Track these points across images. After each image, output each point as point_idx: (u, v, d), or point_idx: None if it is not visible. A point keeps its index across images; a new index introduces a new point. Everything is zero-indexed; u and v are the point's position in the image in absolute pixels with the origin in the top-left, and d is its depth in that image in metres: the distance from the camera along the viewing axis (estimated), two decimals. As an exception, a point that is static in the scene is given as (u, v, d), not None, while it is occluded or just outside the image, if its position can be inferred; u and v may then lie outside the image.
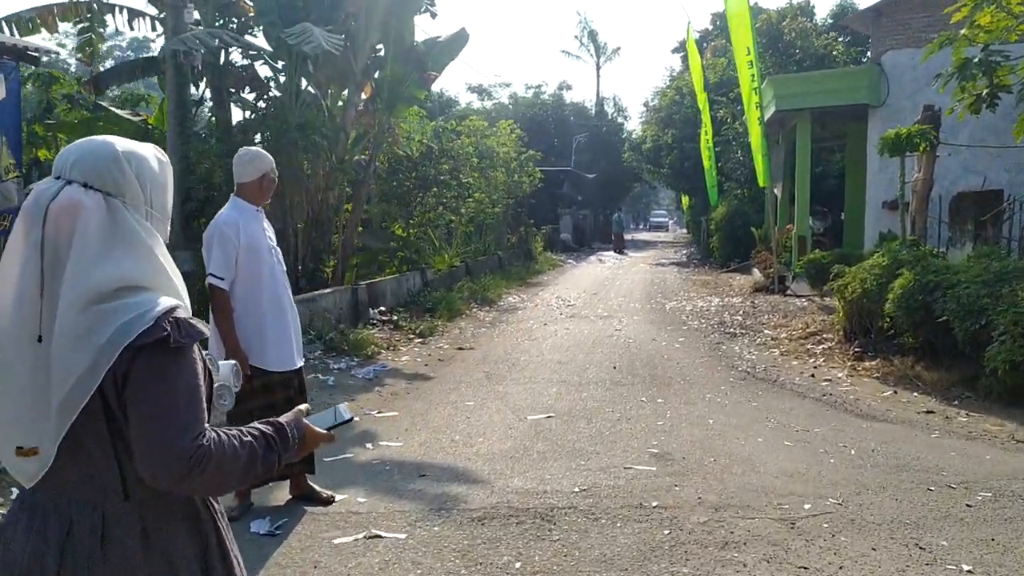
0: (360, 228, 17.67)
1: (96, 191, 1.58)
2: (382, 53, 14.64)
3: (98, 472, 1.61)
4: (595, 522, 4.45)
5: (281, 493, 4.84)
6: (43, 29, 12.00)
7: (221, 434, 1.61)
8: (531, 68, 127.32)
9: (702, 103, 24.45)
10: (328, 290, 11.77)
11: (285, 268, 4.69)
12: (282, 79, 13.42)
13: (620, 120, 54.19)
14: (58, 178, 1.61)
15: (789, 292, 15.23)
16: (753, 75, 16.00)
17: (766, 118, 16.61)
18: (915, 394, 7.79)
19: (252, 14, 13.38)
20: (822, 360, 9.48)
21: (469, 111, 42.60)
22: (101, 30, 11.87)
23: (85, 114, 14.01)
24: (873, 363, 8.94)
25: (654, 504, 4.71)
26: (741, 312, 13.62)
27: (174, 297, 1.64)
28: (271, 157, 4.61)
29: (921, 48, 14.26)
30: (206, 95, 13.32)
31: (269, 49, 12.65)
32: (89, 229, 1.55)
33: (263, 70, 13.86)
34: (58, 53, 11.99)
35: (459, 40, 15.63)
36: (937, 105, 11.06)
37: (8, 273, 1.59)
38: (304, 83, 14.08)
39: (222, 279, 4.33)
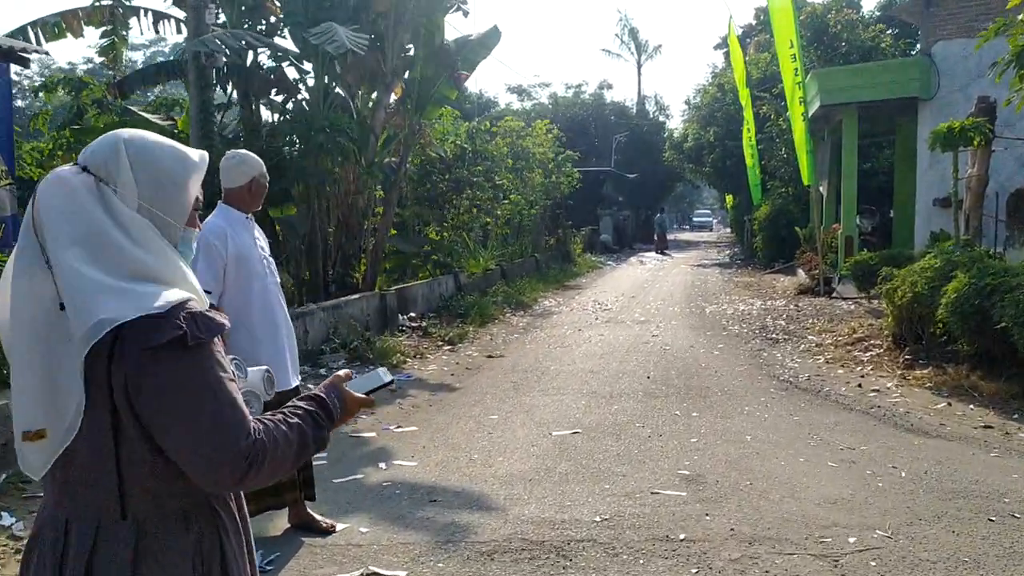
0: (393, 232, 17.49)
1: (90, 174, 1.54)
2: (412, 53, 14.38)
3: (97, 487, 1.52)
4: (615, 558, 4.05)
5: (280, 522, 4.52)
6: (68, 34, 11.93)
7: (268, 423, 1.56)
8: (571, 68, 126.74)
9: (744, 99, 23.81)
10: (355, 296, 11.50)
11: (279, 280, 4.36)
12: (310, 81, 13.21)
13: (662, 119, 53.46)
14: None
15: (835, 295, 14.61)
16: (796, 69, 15.41)
17: (810, 114, 15.99)
18: (971, 407, 7.24)
19: (280, 16, 13.18)
20: (870, 368, 8.94)
21: (508, 112, 42.34)
22: (124, 33, 11.71)
23: (114, 119, 13.96)
24: (925, 372, 8.38)
25: (681, 537, 4.29)
26: (784, 316, 13.07)
27: (187, 291, 1.55)
28: (260, 160, 4.30)
29: (974, 38, 13.61)
30: (234, 98, 13.16)
31: (295, 50, 12.41)
32: (76, 202, 1.51)
33: (292, 72, 13.67)
34: (47, 52, 11.74)
35: (491, 38, 15.31)
36: (992, 96, 10.44)
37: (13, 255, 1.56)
38: (334, 85, 13.92)
39: (209, 293, 4.01)
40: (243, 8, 12.95)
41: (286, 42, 13.37)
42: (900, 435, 6.39)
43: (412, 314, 12.82)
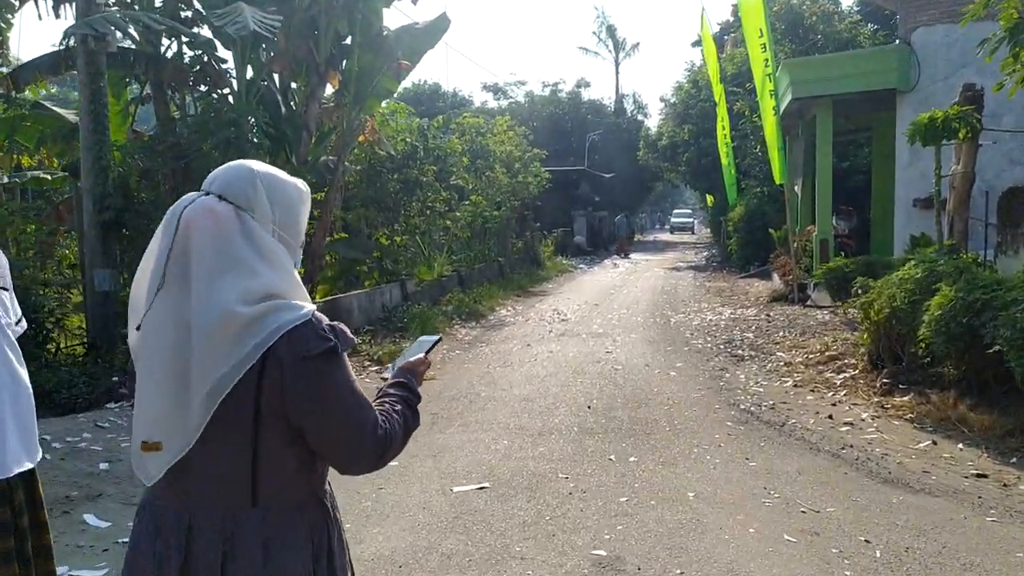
0: (341, 236, 16.26)
1: (229, 203, 1.68)
2: (348, 42, 13.18)
3: (229, 479, 1.66)
4: None
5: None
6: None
7: (386, 415, 1.77)
8: (548, 66, 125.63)
9: (718, 95, 22.70)
10: (272, 311, 10.26)
11: (12, 320, 3.12)
12: (228, 69, 11.96)
13: (640, 118, 52.39)
14: (201, 191, 1.73)
15: (809, 303, 13.52)
16: (767, 60, 14.31)
17: (782, 108, 14.91)
18: (960, 446, 6.11)
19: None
20: (843, 394, 7.81)
21: (483, 111, 41.22)
22: (9, 16, 10.42)
23: (23, 112, 12.67)
24: (905, 399, 7.26)
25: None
26: (754, 328, 11.94)
27: (311, 305, 1.71)
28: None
29: (956, 23, 12.56)
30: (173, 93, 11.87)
31: (207, 37, 11.17)
32: (225, 235, 1.65)
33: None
34: None
35: (439, 26, 14.15)
36: (979, 84, 9.35)
37: (145, 274, 1.71)
38: (263, 78, 12.71)
39: None
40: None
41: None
42: (876, 489, 5.24)
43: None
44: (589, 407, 7.63)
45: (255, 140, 10.28)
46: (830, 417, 7.05)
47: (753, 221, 21.53)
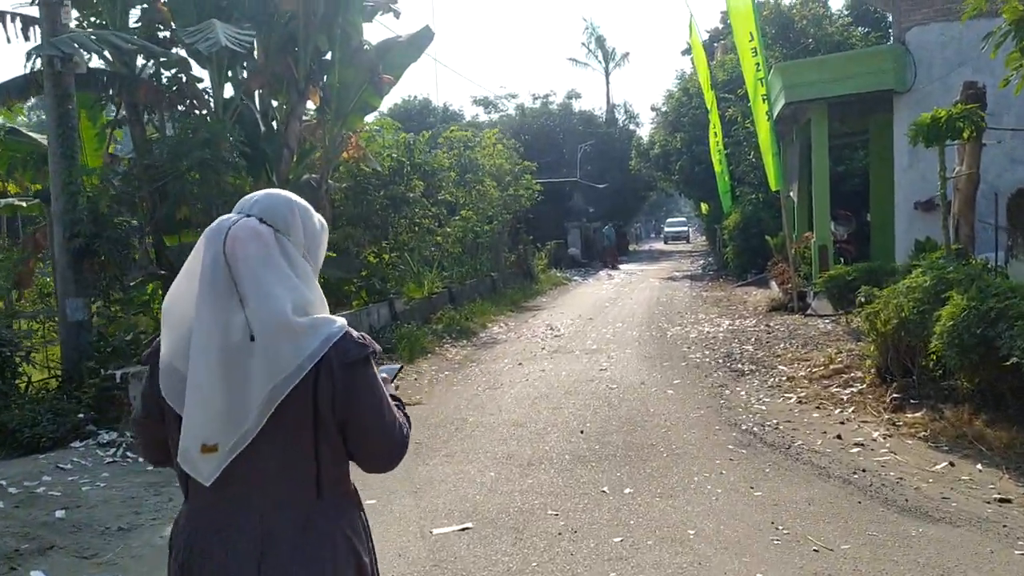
0: (332, 255, 15.85)
1: (269, 226, 1.82)
2: (328, 57, 12.83)
3: (295, 475, 1.81)
4: None
5: None
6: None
7: (401, 417, 1.95)
8: (538, 78, 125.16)
9: (710, 102, 22.40)
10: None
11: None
12: (207, 88, 11.59)
13: (632, 127, 52.14)
14: (240, 214, 1.86)
15: (810, 312, 13.12)
16: (758, 63, 13.97)
17: (775, 113, 14.53)
18: (978, 467, 5.70)
19: (171, 20, 11.54)
20: (851, 411, 7.39)
21: (474, 125, 40.89)
22: (-25, 39, 10.01)
23: (-1, 138, 12.29)
24: (917, 415, 6.84)
25: None
26: (753, 339, 11.53)
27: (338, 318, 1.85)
28: None
29: (953, 21, 12.20)
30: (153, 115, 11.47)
31: (181, 56, 10.78)
32: (270, 252, 1.80)
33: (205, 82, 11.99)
34: None
35: (422, 39, 13.83)
36: (980, 82, 8.98)
37: (188, 287, 1.82)
38: (243, 97, 12.33)
39: None
40: (130, 13, 11.37)
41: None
42: (893, 520, 4.82)
43: (329, 352, 11.18)
44: (582, 431, 7.20)
45: (230, 160, 9.84)
46: (839, 437, 6.63)
47: (749, 228, 21.16)
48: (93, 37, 9.29)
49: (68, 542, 5.04)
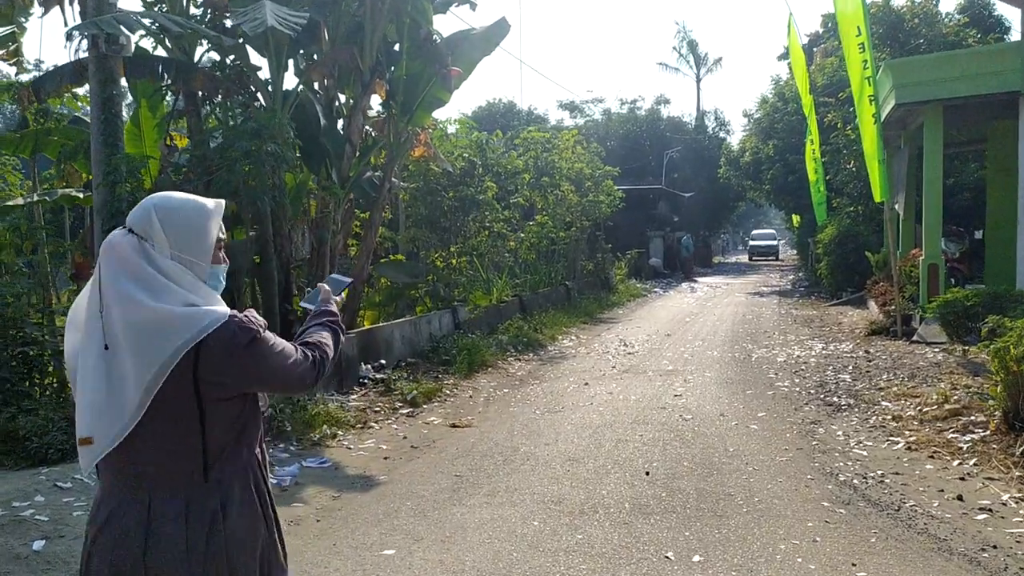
0: (398, 258, 15.16)
1: (135, 234, 1.98)
2: (396, 48, 12.09)
3: (182, 459, 1.94)
4: None
5: None
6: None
7: (312, 341, 2.21)
8: (626, 82, 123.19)
9: (807, 107, 20.97)
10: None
11: None
12: (266, 78, 10.96)
13: (722, 135, 50.36)
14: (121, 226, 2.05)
15: (916, 338, 11.72)
16: (865, 61, 12.63)
17: (884, 116, 13.17)
18: None
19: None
20: (972, 463, 6.18)
21: (558, 129, 40.00)
22: (21, 19, 9.59)
23: (59, 125, 11.95)
24: (1060, 476, 5.61)
25: None
26: (851, 367, 10.28)
27: (222, 308, 2.00)
28: None
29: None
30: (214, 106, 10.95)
31: (232, 40, 10.14)
32: (128, 260, 1.94)
33: (264, 72, 11.40)
34: None
35: (497, 32, 12.94)
36: None
37: (85, 291, 2.02)
38: (311, 87, 11.71)
39: None
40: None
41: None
42: (1045, 628, 3.69)
43: (382, 362, 10.42)
44: (647, 472, 6.19)
45: (277, 152, 9.15)
46: (960, 498, 5.45)
47: (846, 243, 19.64)
48: (137, 17, 8.75)
49: (32, 584, 4.32)
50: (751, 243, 55.98)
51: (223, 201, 2.15)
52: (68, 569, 4.56)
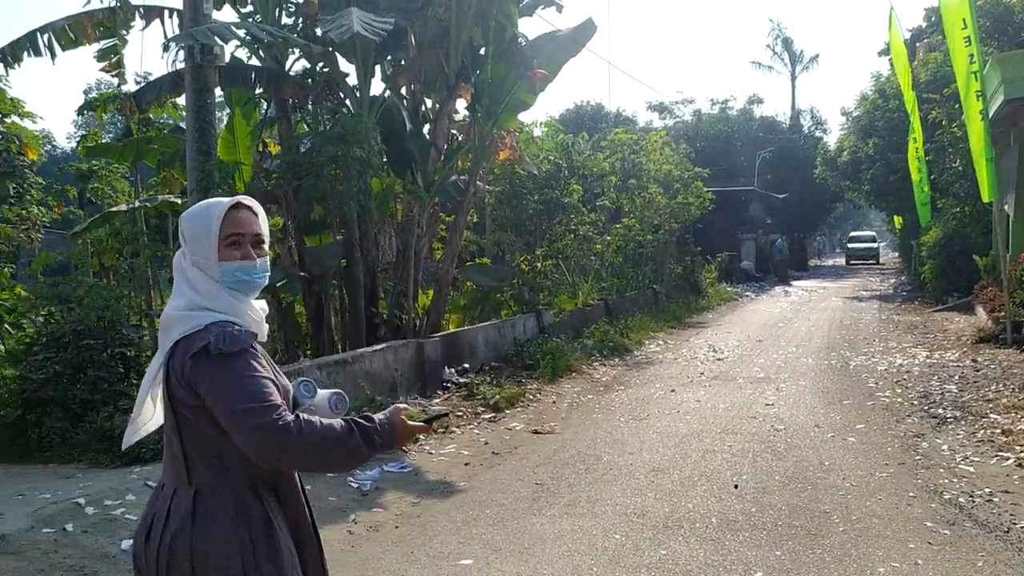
0: (484, 261, 15.17)
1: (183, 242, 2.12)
2: (482, 51, 12.07)
3: (173, 459, 2.03)
4: None
5: None
6: (84, 41, 10.30)
7: (310, 419, 1.92)
8: (717, 82, 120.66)
9: (910, 104, 20.03)
10: (378, 347, 9.16)
11: None
12: (354, 84, 11.08)
13: (819, 134, 48.78)
14: None
15: (1029, 347, 11.04)
16: (972, 55, 11.96)
17: (991, 112, 12.45)
18: None
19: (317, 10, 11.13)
20: (1094, 484, 5.72)
21: (648, 131, 39.48)
22: (123, 31, 9.93)
23: (159, 134, 12.40)
24: None
25: None
26: (957, 377, 9.73)
27: (230, 315, 2.02)
28: None
29: None
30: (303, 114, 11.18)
31: (320, 48, 10.27)
32: (174, 267, 2.11)
33: (352, 79, 11.54)
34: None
35: (583, 33, 12.79)
36: None
37: None
38: (398, 92, 11.82)
39: None
40: (284, 7, 11.07)
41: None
42: None
43: (466, 365, 10.39)
44: (736, 486, 5.94)
45: (362, 157, 9.21)
46: (1080, 522, 5.04)
47: (951, 246, 18.71)
48: (232, 28, 8.96)
49: (116, 583, 4.40)
50: (848, 246, 51.55)
51: (242, 197, 2.10)
52: (153, 569, 4.62)
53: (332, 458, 1.92)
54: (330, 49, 10.51)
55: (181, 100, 11.69)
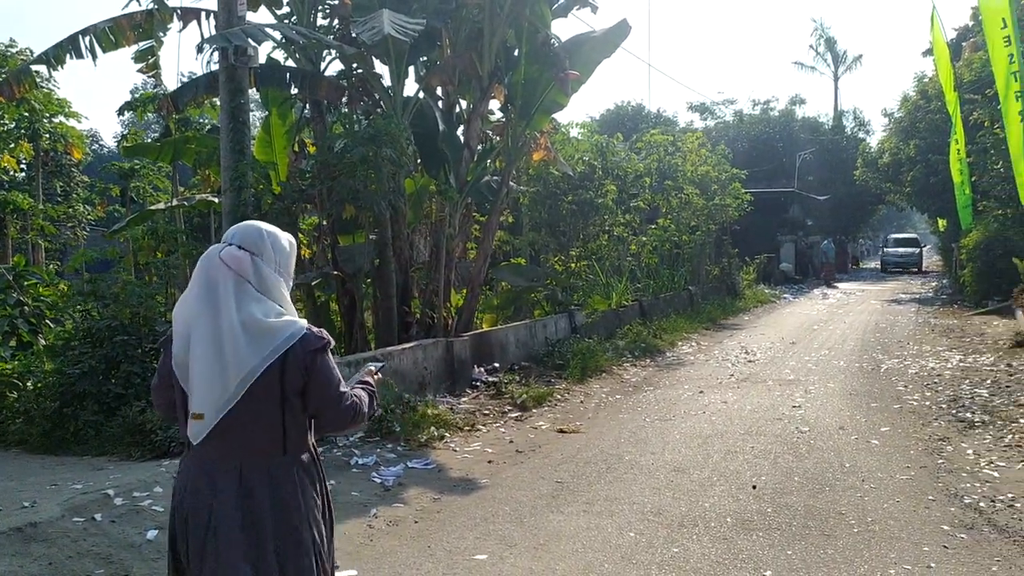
0: (519, 261, 15.29)
1: (246, 251, 2.49)
2: (516, 53, 12.18)
3: (267, 436, 2.46)
4: None
5: None
6: (124, 43, 10.61)
7: (354, 390, 2.63)
8: (759, 83, 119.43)
9: (951, 105, 19.71)
10: (408, 345, 9.32)
11: None
12: (388, 85, 11.25)
13: (862, 135, 48.08)
14: (224, 243, 2.53)
15: (1067, 352, 10.86)
16: (1011, 55, 11.79)
17: (1032, 113, 12.23)
18: None
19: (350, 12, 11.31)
20: (1120, 491, 5.65)
21: (688, 131, 39.25)
22: (160, 33, 10.19)
23: (196, 134, 12.70)
24: None
25: None
26: (989, 382, 9.62)
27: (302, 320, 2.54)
28: None
29: None
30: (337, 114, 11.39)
31: (353, 49, 10.44)
32: (244, 271, 2.46)
33: (387, 80, 11.73)
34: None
35: (617, 33, 12.84)
36: None
37: (191, 299, 2.47)
38: (431, 93, 11.98)
39: None
40: (319, 9, 11.27)
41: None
42: None
43: (496, 365, 10.50)
44: (754, 486, 5.97)
45: (394, 158, 9.37)
46: (1101, 530, 5.00)
47: (992, 248, 18.41)
48: (266, 29, 9.17)
49: (144, 571, 4.57)
50: (886, 250, 44.91)
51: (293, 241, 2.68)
52: (181, 556, 4.79)
53: (367, 414, 2.63)
54: (363, 50, 10.69)
55: (218, 100, 12.03)
